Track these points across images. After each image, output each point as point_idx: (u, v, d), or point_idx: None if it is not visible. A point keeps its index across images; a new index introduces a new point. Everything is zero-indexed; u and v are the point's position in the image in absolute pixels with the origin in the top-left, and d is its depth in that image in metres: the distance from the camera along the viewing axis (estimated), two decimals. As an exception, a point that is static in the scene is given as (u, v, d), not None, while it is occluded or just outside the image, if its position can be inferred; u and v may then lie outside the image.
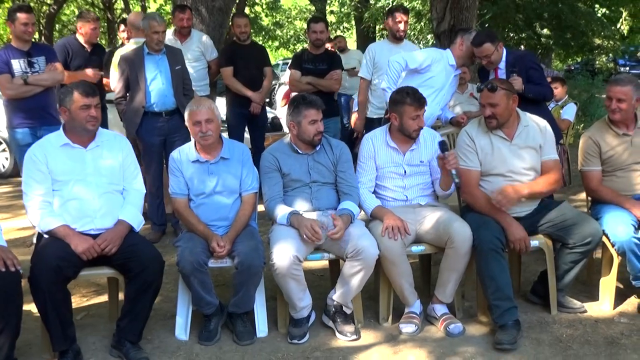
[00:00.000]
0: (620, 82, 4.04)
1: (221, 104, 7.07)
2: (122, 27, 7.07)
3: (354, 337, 3.63)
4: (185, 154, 3.86)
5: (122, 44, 6.63)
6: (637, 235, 3.78)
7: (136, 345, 3.47)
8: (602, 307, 3.97)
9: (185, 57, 5.91)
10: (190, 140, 3.90)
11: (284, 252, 3.49)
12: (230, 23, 6.83)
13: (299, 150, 3.87)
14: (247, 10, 18.80)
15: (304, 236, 3.58)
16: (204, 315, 3.72)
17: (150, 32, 5.28)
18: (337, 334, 3.67)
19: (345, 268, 3.66)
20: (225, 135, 6.74)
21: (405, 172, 3.96)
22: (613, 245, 3.81)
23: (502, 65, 4.96)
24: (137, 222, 3.64)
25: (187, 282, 3.59)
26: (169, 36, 6.28)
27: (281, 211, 3.73)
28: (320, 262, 4.25)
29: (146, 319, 3.51)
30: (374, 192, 4.01)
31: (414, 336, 3.69)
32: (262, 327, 3.75)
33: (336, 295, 3.73)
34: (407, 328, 3.74)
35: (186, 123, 3.82)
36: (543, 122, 4.06)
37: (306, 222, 3.61)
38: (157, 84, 5.32)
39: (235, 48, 6.62)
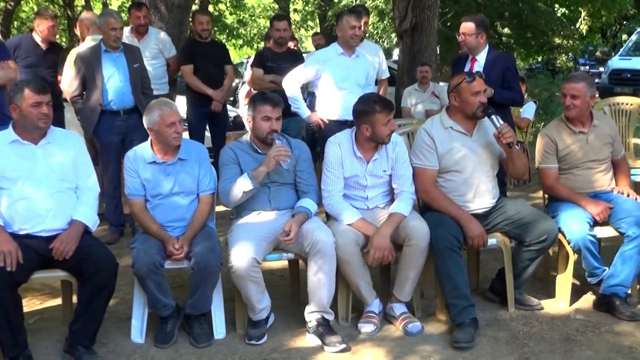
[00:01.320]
0: (574, 79, 4.09)
1: (181, 103, 6.99)
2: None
3: (343, 346, 3.51)
4: (141, 154, 3.78)
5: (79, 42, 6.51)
6: (592, 232, 3.83)
7: (89, 350, 3.40)
8: (559, 304, 4.01)
9: (143, 55, 5.82)
10: (148, 139, 3.83)
11: (242, 254, 3.45)
12: (191, 20, 6.74)
13: (259, 150, 3.83)
14: (210, 8, 18.68)
15: (276, 156, 3.60)
16: (160, 317, 3.67)
17: (107, 29, 5.19)
18: (325, 347, 3.52)
19: (310, 273, 3.61)
20: (185, 134, 6.73)
21: (367, 183, 3.88)
22: (569, 243, 3.85)
23: (482, 59, 5.04)
24: (92, 222, 3.56)
25: (142, 284, 3.53)
26: (126, 34, 6.19)
27: (238, 182, 3.66)
28: (281, 262, 4.21)
29: (100, 322, 3.44)
30: None
31: (372, 336, 3.68)
32: (219, 328, 3.70)
33: (312, 306, 3.66)
34: (366, 328, 3.74)
35: (152, 126, 3.69)
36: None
37: (270, 152, 3.63)
38: (114, 82, 5.23)
39: (195, 45, 6.54)
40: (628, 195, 4.05)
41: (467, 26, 5.01)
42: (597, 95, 4.18)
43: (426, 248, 3.67)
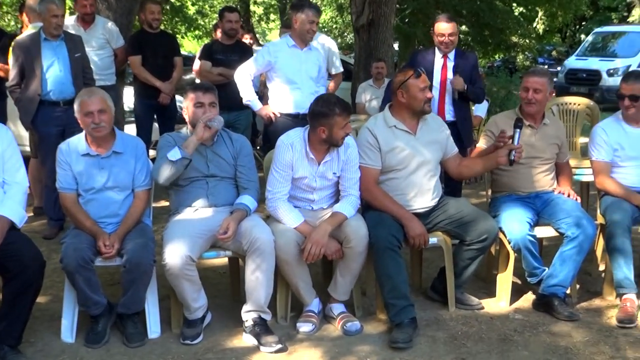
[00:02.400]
0: (537, 73, 4.11)
1: (129, 94, 6.85)
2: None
3: (280, 346, 3.44)
4: (74, 146, 3.66)
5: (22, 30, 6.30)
6: (532, 232, 3.83)
7: (15, 349, 3.27)
8: (499, 303, 4.01)
9: (89, 45, 5.68)
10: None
11: (177, 252, 3.36)
12: (141, 9, 6.58)
13: None
14: (172, -2, 18.38)
15: (204, 119, 3.57)
16: (91, 316, 3.55)
17: (48, 15, 5.01)
18: (261, 348, 3.46)
19: (248, 271, 3.53)
20: (132, 127, 6.60)
21: (316, 185, 3.80)
22: (509, 242, 3.85)
23: (452, 57, 5.05)
24: (19, 217, 3.40)
25: (71, 280, 3.41)
26: (71, 22, 6.01)
27: (168, 154, 3.55)
28: (223, 259, 4.12)
29: (25, 321, 3.30)
30: None
31: (310, 335, 3.63)
32: (154, 328, 3.60)
33: (249, 305, 3.58)
34: (304, 327, 3.68)
35: (76, 114, 3.62)
36: (438, 117, 4.08)
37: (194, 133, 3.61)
38: (54, 72, 5.07)
39: (144, 36, 6.42)
40: (569, 196, 4.06)
41: (451, 26, 4.97)
42: (554, 94, 4.19)
43: (365, 250, 3.63)
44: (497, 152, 3.86)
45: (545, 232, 3.98)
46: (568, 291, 3.91)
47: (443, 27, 4.90)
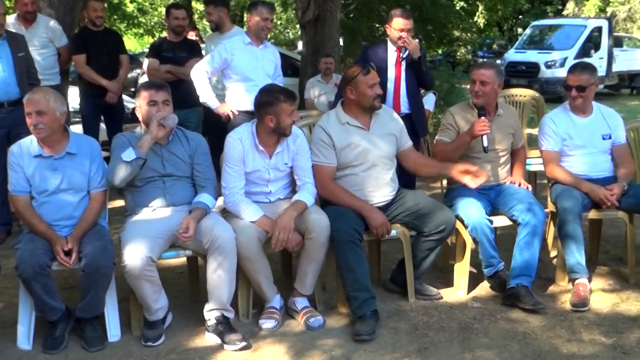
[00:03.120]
0: (484, 66, 4.17)
1: (74, 94, 6.69)
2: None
3: (244, 344, 3.42)
4: (26, 147, 3.56)
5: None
6: (489, 217, 3.91)
7: (-31, 360, 3.18)
8: (457, 292, 4.08)
9: (31, 44, 5.51)
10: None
11: (136, 253, 3.30)
12: (83, 7, 6.43)
13: None
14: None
15: (157, 118, 3.51)
16: (49, 321, 3.46)
17: (-13, 15, 4.85)
18: (224, 346, 3.43)
19: (210, 270, 3.50)
20: (79, 127, 6.44)
21: (270, 177, 3.81)
22: (466, 227, 3.91)
23: (404, 51, 5.03)
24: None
25: (28, 287, 3.32)
26: (12, 21, 5.83)
27: (122, 154, 3.51)
28: (180, 259, 4.07)
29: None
30: None
31: (273, 332, 3.62)
32: (113, 331, 3.54)
33: (211, 304, 3.55)
34: (267, 324, 3.67)
35: None
36: (391, 110, 4.13)
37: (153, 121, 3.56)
38: (-3, 72, 4.90)
39: (88, 34, 6.27)
40: (520, 185, 4.15)
41: (409, 21, 4.97)
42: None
43: (327, 241, 3.64)
44: (456, 166, 3.90)
45: (499, 221, 4.06)
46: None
47: (401, 22, 4.92)
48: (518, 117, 4.42)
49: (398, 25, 4.93)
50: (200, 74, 5.09)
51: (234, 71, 5.07)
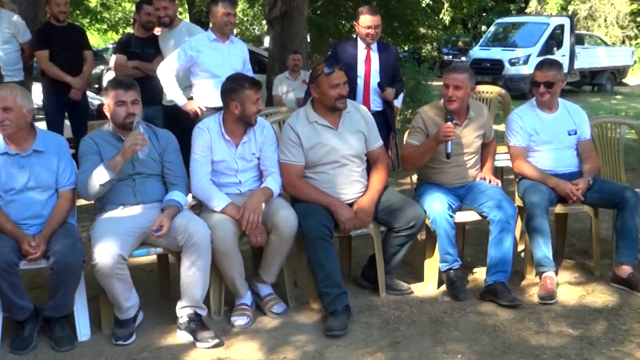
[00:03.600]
0: (457, 70, 4.07)
1: (38, 90, 6.57)
2: None
3: (216, 341, 3.41)
4: (-8, 145, 3.49)
5: None
6: (451, 214, 3.95)
7: None
8: (427, 287, 4.12)
9: (-7, 40, 5.41)
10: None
11: (107, 251, 3.26)
12: (47, 2, 6.32)
13: (122, 137, 3.63)
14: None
15: (129, 147, 3.42)
16: (17, 321, 3.41)
17: (-52, 10, 4.74)
18: (197, 344, 3.42)
19: (183, 267, 3.48)
20: (42, 124, 6.33)
21: (238, 166, 3.83)
22: (428, 219, 3.94)
23: (375, 48, 5.10)
24: None
25: (-5, 286, 3.26)
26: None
27: (95, 173, 3.46)
28: (149, 257, 4.04)
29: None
30: None
31: (246, 328, 3.62)
32: (83, 330, 3.49)
33: (184, 301, 3.53)
34: (240, 320, 3.67)
35: None
36: (364, 108, 4.12)
37: (126, 140, 3.47)
38: (-41, 69, 4.81)
39: (51, 29, 6.17)
40: (490, 182, 4.20)
41: (377, 18, 5.02)
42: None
43: (293, 236, 3.67)
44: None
45: (469, 216, 4.11)
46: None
47: (368, 19, 4.95)
48: (487, 111, 4.38)
49: (365, 22, 4.96)
50: (166, 72, 5.06)
51: (200, 68, 5.05)
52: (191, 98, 5.14)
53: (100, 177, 3.44)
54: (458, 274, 4.00)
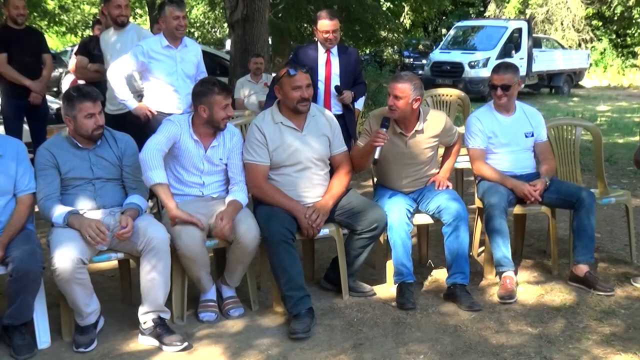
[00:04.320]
0: (400, 79, 3.96)
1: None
2: None
3: (185, 344, 3.40)
4: (-53, 150, 3.42)
5: None
6: (408, 221, 3.98)
7: None
8: (390, 288, 4.15)
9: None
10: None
11: (67, 255, 3.23)
12: (4, 4, 6.21)
13: (79, 144, 3.60)
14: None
15: (87, 237, 3.33)
16: (-27, 330, 3.35)
17: None
18: (164, 348, 3.39)
19: (143, 272, 3.46)
20: (1, 128, 6.22)
21: (203, 168, 3.84)
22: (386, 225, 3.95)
23: (335, 51, 5.12)
24: None
25: (-48, 294, 3.20)
26: None
27: (58, 210, 3.43)
28: (110, 262, 3.99)
29: None
30: (170, 184, 3.74)
31: (210, 333, 3.61)
32: (43, 337, 3.44)
33: (146, 306, 3.50)
34: (208, 316, 3.73)
35: None
36: (329, 113, 4.14)
37: (88, 221, 3.37)
38: None
39: (9, 33, 6.06)
40: (439, 186, 4.16)
41: (334, 22, 5.03)
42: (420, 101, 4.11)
43: (255, 248, 3.71)
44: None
45: (423, 219, 4.17)
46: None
47: (326, 24, 4.97)
48: (445, 118, 4.25)
49: (324, 27, 4.99)
50: (117, 75, 4.96)
51: (152, 74, 4.97)
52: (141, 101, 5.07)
53: (58, 218, 3.41)
54: (410, 287, 3.97)
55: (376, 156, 3.85)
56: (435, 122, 4.15)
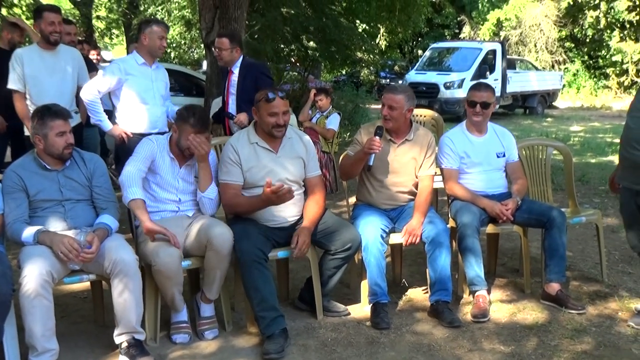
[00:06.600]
0: (394, 90, 4.16)
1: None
2: None
3: None
4: None
5: None
6: (383, 241, 4.00)
7: None
8: (364, 308, 4.15)
9: None
10: None
11: (37, 268, 3.19)
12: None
13: (48, 166, 3.57)
14: (4, 11, 17.31)
15: (60, 253, 3.28)
16: (-60, 355, 3.28)
17: None
18: None
19: (115, 293, 3.42)
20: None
21: (178, 186, 3.87)
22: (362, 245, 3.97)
23: (237, 71, 5.39)
24: None
25: None
26: None
27: (27, 231, 3.39)
28: (83, 284, 3.96)
29: None
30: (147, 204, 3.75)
31: (183, 355, 3.58)
32: (13, 361, 3.39)
33: (120, 328, 3.46)
34: (181, 338, 3.71)
35: None
36: (306, 137, 4.16)
37: (60, 237, 3.33)
38: None
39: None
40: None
41: (222, 41, 5.33)
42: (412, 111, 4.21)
43: (229, 252, 3.67)
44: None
45: (398, 238, 4.15)
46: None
47: (216, 41, 5.44)
48: (431, 136, 4.33)
49: (216, 44, 5.45)
50: (91, 94, 4.89)
51: (127, 92, 4.93)
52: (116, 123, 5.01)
53: (27, 238, 3.39)
54: (384, 307, 3.98)
55: (370, 163, 4.03)
56: (423, 137, 4.28)
